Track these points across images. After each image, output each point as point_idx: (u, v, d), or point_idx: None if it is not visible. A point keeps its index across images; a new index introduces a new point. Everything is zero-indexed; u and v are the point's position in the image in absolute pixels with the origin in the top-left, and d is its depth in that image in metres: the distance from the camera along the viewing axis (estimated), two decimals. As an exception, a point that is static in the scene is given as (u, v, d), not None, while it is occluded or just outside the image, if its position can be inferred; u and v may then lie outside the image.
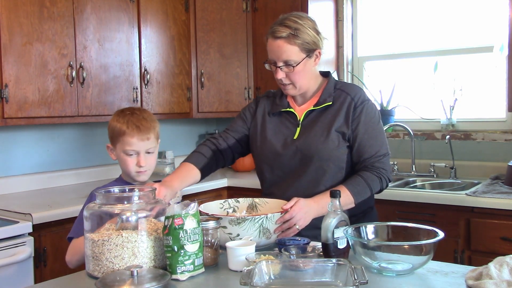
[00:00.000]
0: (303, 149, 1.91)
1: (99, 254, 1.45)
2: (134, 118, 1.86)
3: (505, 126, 3.18)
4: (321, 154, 1.88)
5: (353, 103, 1.92)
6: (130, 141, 1.83)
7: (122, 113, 1.89)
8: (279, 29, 1.85)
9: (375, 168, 1.88)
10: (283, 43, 1.85)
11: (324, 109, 1.94)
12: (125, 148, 1.84)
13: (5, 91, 2.57)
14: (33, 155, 3.12)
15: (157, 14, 3.37)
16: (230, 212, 1.91)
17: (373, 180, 1.87)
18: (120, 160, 1.88)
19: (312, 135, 1.91)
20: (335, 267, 1.36)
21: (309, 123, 1.95)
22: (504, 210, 2.49)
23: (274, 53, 1.88)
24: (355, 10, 3.76)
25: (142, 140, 1.84)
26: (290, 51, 1.85)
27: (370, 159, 1.89)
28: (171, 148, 3.86)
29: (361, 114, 1.90)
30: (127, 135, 1.83)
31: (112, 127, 1.87)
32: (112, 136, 1.88)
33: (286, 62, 1.87)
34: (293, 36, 1.84)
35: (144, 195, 1.56)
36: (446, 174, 3.24)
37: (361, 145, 1.89)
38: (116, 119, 1.87)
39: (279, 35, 1.85)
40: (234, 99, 3.73)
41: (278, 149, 1.95)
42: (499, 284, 1.28)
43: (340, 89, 1.97)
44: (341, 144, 1.90)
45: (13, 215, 2.43)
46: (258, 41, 3.65)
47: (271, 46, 1.88)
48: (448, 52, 3.42)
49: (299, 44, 1.85)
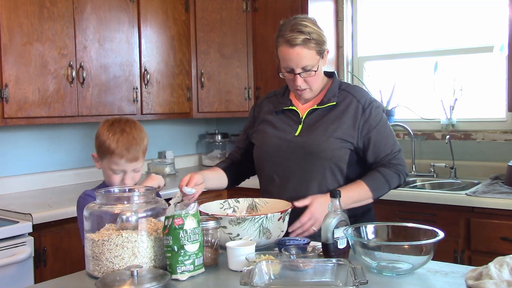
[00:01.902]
0: (305, 146, 1.90)
1: (99, 254, 1.45)
2: (124, 138, 1.80)
3: (505, 126, 3.17)
4: (323, 153, 1.88)
5: (360, 106, 1.92)
6: (118, 161, 1.80)
7: (111, 128, 1.82)
8: (294, 35, 1.83)
9: (393, 165, 1.91)
10: (301, 49, 1.84)
11: (328, 109, 1.94)
12: (111, 166, 1.81)
13: (5, 91, 2.57)
14: (33, 155, 3.13)
15: (157, 14, 3.37)
16: (230, 212, 1.91)
17: (392, 177, 1.90)
18: (105, 173, 1.86)
19: (315, 133, 1.91)
20: (335, 267, 1.36)
21: (312, 121, 1.94)
22: (504, 210, 2.49)
23: (292, 61, 1.86)
24: (355, 10, 3.76)
25: (130, 161, 1.81)
26: (309, 56, 1.85)
27: (387, 157, 1.92)
28: (171, 148, 3.86)
29: (370, 117, 1.91)
30: (116, 155, 1.79)
31: (100, 141, 1.81)
32: (99, 149, 1.83)
33: (304, 68, 1.86)
34: (309, 41, 1.84)
35: (144, 195, 1.56)
36: (446, 174, 3.24)
37: (376, 146, 1.91)
38: (106, 134, 1.81)
39: (296, 42, 1.83)
40: (234, 99, 3.73)
41: (278, 144, 1.95)
42: (499, 284, 1.28)
43: (344, 90, 1.97)
44: (344, 145, 1.89)
45: (13, 215, 2.44)
46: (258, 41, 3.65)
47: (289, 55, 1.85)
48: (448, 52, 3.42)
49: (314, 48, 1.85)
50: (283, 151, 1.94)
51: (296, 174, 1.92)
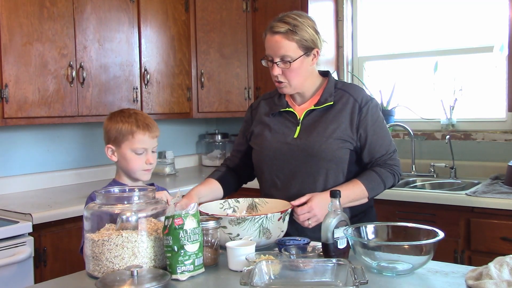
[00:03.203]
0: (305, 148, 1.89)
1: (99, 254, 1.45)
2: (140, 117, 1.90)
3: (505, 126, 3.17)
4: (324, 154, 1.87)
5: (357, 104, 1.91)
6: (142, 138, 1.86)
7: (123, 114, 1.91)
8: (277, 24, 1.86)
9: (388, 166, 1.91)
10: (281, 38, 1.84)
11: (325, 109, 1.93)
12: (135, 146, 1.86)
13: (5, 91, 2.57)
14: (33, 155, 3.13)
15: (157, 14, 3.37)
16: (230, 212, 1.90)
17: (387, 177, 1.90)
18: (125, 160, 1.88)
19: (314, 134, 1.90)
20: (335, 267, 1.36)
21: (310, 123, 1.93)
22: (504, 210, 2.49)
23: (271, 48, 1.87)
24: (355, 10, 3.76)
25: (152, 137, 1.89)
26: (288, 46, 1.85)
27: (382, 157, 1.92)
28: (171, 148, 3.86)
29: (367, 116, 1.91)
30: (139, 133, 1.86)
31: (116, 128, 1.87)
32: (117, 137, 1.87)
33: (283, 58, 1.86)
34: (291, 32, 1.84)
35: (144, 195, 1.56)
36: (446, 174, 3.24)
37: (371, 146, 1.91)
38: (120, 119, 1.88)
39: (277, 30, 1.85)
40: (234, 99, 3.73)
41: (278, 148, 1.94)
42: (499, 284, 1.28)
43: (341, 89, 1.96)
44: (344, 145, 1.89)
45: (13, 215, 2.44)
46: (258, 41, 3.65)
47: (269, 42, 1.88)
48: (448, 52, 3.42)
49: (297, 41, 1.85)
50: (284, 154, 1.93)
51: (298, 177, 1.91)
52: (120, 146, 1.88)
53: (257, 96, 3.69)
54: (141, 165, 1.88)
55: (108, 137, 1.90)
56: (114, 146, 1.89)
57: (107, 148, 1.91)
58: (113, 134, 1.88)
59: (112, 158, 1.92)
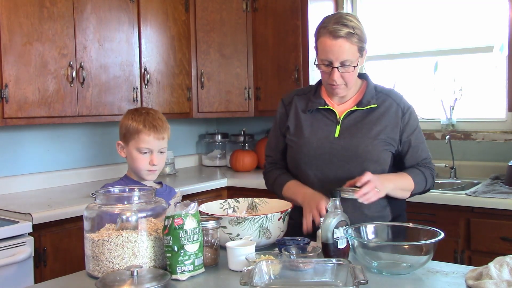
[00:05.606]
0: (349, 148, 1.85)
1: (99, 254, 1.45)
2: (150, 117, 1.91)
3: (505, 126, 3.17)
4: (370, 155, 1.84)
5: (400, 109, 1.92)
6: (146, 139, 1.87)
7: (136, 112, 1.94)
8: (338, 27, 1.78)
9: (429, 169, 1.95)
10: (344, 42, 1.79)
11: (368, 111, 1.91)
12: (139, 145, 1.88)
13: (5, 91, 2.57)
14: (33, 155, 3.12)
15: (157, 14, 3.37)
16: (230, 212, 1.91)
17: (428, 176, 1.93)
18: (131, 157, 1.91)
19: (359, 135, 1.86)
20: (335, 267, 1.36)
21: (351, 123, 1.90)
22: (504, 210, 2.50)
23: (332, 53, 1.80)
24: (355, 10, 3.75)
25: (157, 139, 1.89)
26: (350, 51, 1.80)
27: (423, 161, 1.95)
28: (171, 148, 3.85)
29: (409, 121, 1.92)
30: (144, 133, 1.87)
31: (126, 125, 1.91)
32: (125, 134, 1.91)
33: (343, 63, 1.81)
34: (352, 35, 1.79)
35: (144, 195, 1.56)
36: (446, 174, 3.24)
37: (414, 150, 1.93)
38: (131, 117, 1.91)
39: (339, 34, 1.78)
40: (234, 99, 3.73)
41: (319, 146, 1.89)
42: (499, 284, 1.28)
43: (382, 93, 1.95)
44: (387, 148, 1.88)
45: (13, 215, 2.43)
46: (258, 41, 3.65)
47: (330, 46, 1.80)
48: (448, 52, 3.42)
49: (356, 43, 1.81)
50: (325, 153, 1.88)
51: (339, 177, 1.84)
52: (128, 143, 1.91)
53: (257, 96, 3.69)
54: (145, 165, 1.89)
55: (120, 133, 1.95)
56: (124, 143, 1.93)
57: (117, 144, 1.95)
58: (123, 131, 1.93)
59: (121, 154, 1.96)
